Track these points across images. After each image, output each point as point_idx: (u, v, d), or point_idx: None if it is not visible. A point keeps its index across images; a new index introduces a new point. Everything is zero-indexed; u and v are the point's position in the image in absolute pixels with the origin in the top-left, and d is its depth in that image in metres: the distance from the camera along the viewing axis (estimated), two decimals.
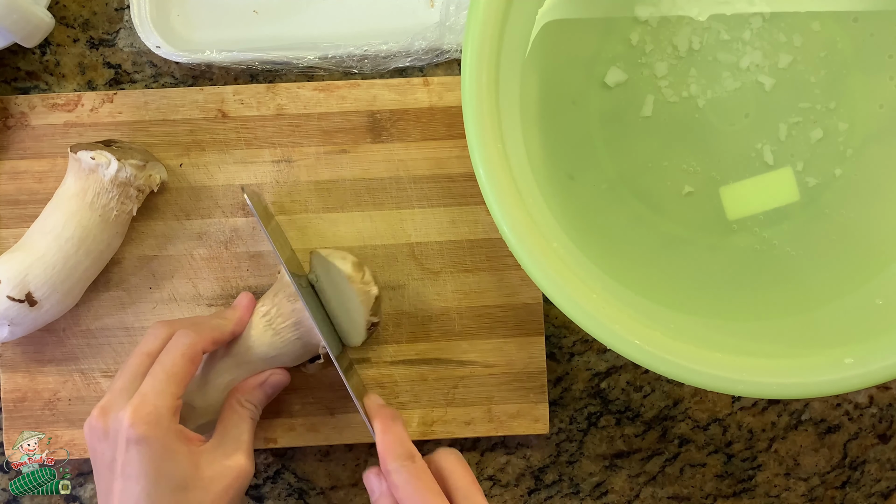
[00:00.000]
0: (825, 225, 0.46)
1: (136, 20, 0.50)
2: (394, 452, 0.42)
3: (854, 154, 0.46)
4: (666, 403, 0.53)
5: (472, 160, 0.39)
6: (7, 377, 0.51)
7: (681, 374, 0.39)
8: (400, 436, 0.43)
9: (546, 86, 0.45)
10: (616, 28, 0.46)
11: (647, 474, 0.54)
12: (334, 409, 0.51)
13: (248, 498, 0.53)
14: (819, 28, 0.46)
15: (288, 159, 0.51)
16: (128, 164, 0.47)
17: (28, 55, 0.52)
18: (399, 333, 0.51)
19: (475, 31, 0.40)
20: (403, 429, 0.44)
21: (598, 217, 0.46)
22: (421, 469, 0.42)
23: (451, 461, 0.43)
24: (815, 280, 0.45)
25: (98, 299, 0.51)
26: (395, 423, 0.44)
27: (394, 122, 0.51)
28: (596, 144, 0.47)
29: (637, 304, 0.44)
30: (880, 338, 0.41)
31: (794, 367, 0.40)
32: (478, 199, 0.51)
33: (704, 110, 0.47)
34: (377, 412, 0.45)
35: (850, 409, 0.54)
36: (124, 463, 0.40)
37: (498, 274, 0.51)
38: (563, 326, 0.53)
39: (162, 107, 0.51)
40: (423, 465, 0.42)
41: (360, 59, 0.51)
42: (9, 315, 0.46)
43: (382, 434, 0.43)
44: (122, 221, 0.48)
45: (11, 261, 0.46)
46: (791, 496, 0.54)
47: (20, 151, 0.51)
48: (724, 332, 0.43)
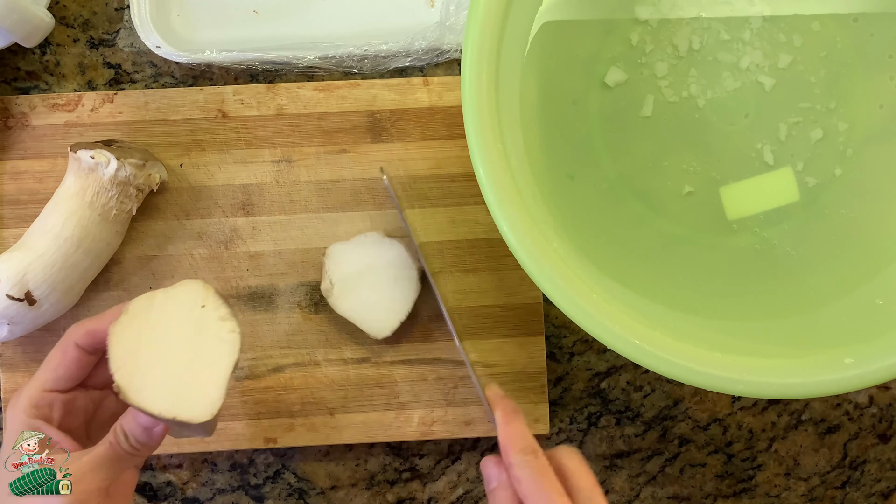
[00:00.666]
0: (825, 225, 0.46)
1: (136, 20, 0.50)
2: (517, 445, 0.41)
3: (854, 154, 0.46)
4: (666, 403, 0.53)
5: (472, 160, 0.39)
6: (7, 377, 0.51)
7: (681, 374, 0.39)
8: (522, 429, 0.42)
9: (546, 86, 0.45)
10: (616, 28, 0.46)
11: (647, 474, 0.54)
12: (334, 409, 0.51)
13: (248, 498, 0.53)
14: (819, 28, 0.46)
15: (288, 159, 0.51)
16: (127, 164, 0.47)
17: (28, 55, 0.52)
18: (399, 333, 0.51)
19: (475, 31, 0.40)
20: (524, 422, 0.43)
21: (598, 217, 0.46)
22: (545, 466, 0.41)
23: (575, 461, 0.42)
24: (815, 280, 0.45)
25: (98, 299, 0.51)
26: (516, 415, 0.43)
27: (394, 122, 0.51)
28: (596, 144, 0.47)
29: (637, 304, 0.44)
30: (880, 338, 0.41)
31: (794, 367, 0.40)
32: (478, 199, 0.51)
33: (704, 110, 0.47)
34: (499, 403, 0.44)
35: (850, 409, 0.54)
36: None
37: (498, 274, 0.51)
38: (563, 326, 0.53)
39: (162, 107, 0.51)
40: (546, 462, 0.41)
41: (360, 59, 0.51)
42: (8, 314, 0.46)
43: (505, 425, 0.42)
44: (122, 221, 0.48)
45: (11, 260, 0.46)
46: (791, 496, 0.54)
47: (21, 151, 0.51)
48: (724, 332, 0.43)
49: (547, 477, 0.40)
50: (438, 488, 0.53)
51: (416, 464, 0.53)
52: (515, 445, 0.41)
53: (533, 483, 0.40)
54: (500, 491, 0.42)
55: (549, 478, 0.40)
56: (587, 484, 0.41)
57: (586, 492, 0.41)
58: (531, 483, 0.40)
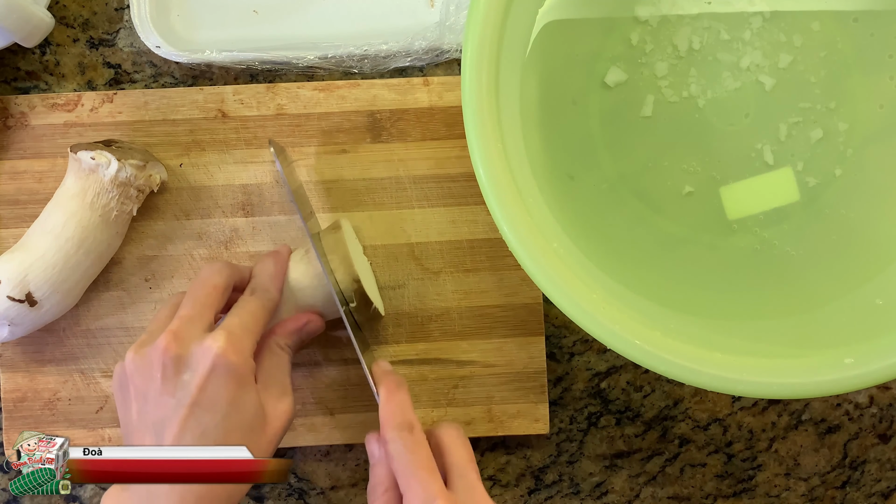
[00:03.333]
0: (825, 225, 0.46)
1: (136, 20, 0.50)
2: (393, 421, 0.42)
3: (854, 154, 0.46)
4: (666, 403, 0.53)
5: (472, 160, 0.39)
6: (7, 377, 0.51)
7: (681, 374, 0.39)
8: (402, 404, 0.43)
9: (546, 86, 0.45)
10: (616, 28, 0.46)
11: (647, 474, 0.54)
12: (334, 409, 0.51)
13: (248, 498, 0.53)
14: (819, 28, 0.46)
15: (288, 161, 0.51)
16: (128, 164, 0.47)
17: (28, 55, 0.52)
18: (399, 333, 0.51)
19: (475, 31, 0.40)
20: (408, 396, 0.43)
21: (598, 217, 0.46)
22: (418, 442, 0.41)
23: (452, 436, 0.43)
24: (815, 280, 0.45)
25: (98, 299, 0.51)
26: (399, 390, 0.43)
27: (394, 122, 0.51)
28: (596, 144, 0.47)
29: (637, 304, 0.44)
30: (880, 338, 0.41)
31: (794, 367, 0.40)
32: (478, 199, 0.51)
33: (704, 110, 0.47)
34: (383, 378, 0.44)
35: (850, 409, 0.54)
36: (201, 391, 0.39)
37: (498, 274, 0.51)
38: (563, 326, 0.53)
39: (162, 107, 0.51)
40: (421, 437, 0.41)
41: (360, 58, 0.51)
42: (9, 315, 0.46)
43: (385, 402, 0.43)
44: (122, 221, 0.48)
45: (11, 261, 0.46)
46: (791, 496, 0.54)
47: (20, 151, 0.51)
48: (724, 332, 0.43)
49: (418, 453, 0.41)
50: None
51: None
52: (392, 421, 0.42)
53: (403, 458, 0.40)
54: (378, 467, 0.42)
55: (420, 454, 0.40)
56: (461, 460, 0.42)
57: (459, 468, 0.41)
58: (402, 458, 0.40)
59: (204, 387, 0.40)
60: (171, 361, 0.40)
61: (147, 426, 0.40)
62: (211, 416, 0.40)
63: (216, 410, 0.40)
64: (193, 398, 0.40)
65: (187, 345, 0.41)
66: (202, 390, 0.40)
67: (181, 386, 0.40)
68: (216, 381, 0.40)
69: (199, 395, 0.40)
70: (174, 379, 0.40)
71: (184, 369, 0.40)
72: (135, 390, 0.41)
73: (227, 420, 0.40)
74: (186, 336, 0.41)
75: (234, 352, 0.40)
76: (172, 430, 0.39)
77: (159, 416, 0.40)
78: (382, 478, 0.41)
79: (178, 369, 0.40)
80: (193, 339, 0.41)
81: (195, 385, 0.40)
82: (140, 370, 0.41)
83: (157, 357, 0.40)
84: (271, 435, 0.42)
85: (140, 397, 0.41)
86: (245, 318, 0.43)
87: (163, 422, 0.40)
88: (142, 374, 0.41)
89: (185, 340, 0.41)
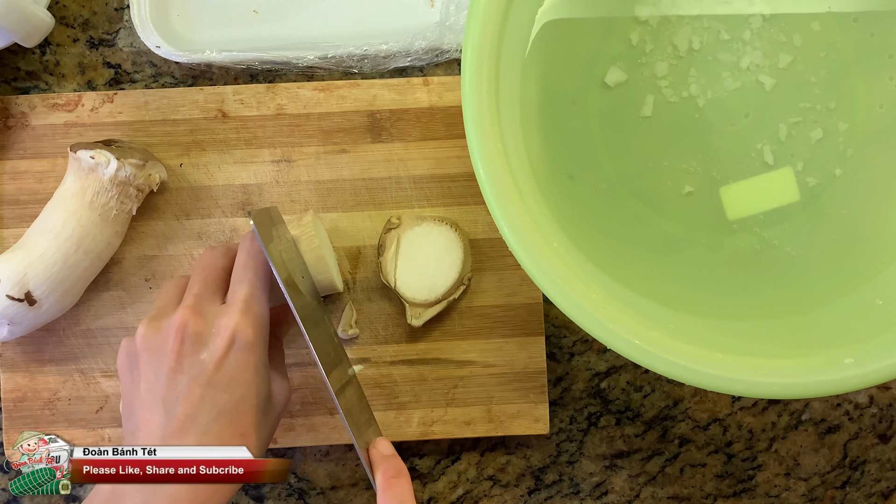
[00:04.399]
0: (825, 225, 0.46)
1: (136, 20, 0.50)
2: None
3: (854, 154, 0.46)
4: (666, 403, 0.53)
5: (472, 160, 0.39)
6: (7, 377, 0.51)
7: (681, 374, 0.39)
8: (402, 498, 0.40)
9: (546, 86, 0.45)
10: (616, 28, 0.46)
11: (647, 474, 0.54)
12: (334, 409, 0.51)
13: (248, 498, 0.53)
14: (819, 28, 0.46)
15: (288, 159, 0.51)
16: (127, 164, 0.47)
17: (28, 55, 0.52)
18: (399, 333, 0.51)
19: (475, 31, 0.40)
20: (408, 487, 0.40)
21: (598, 217, 0.46)
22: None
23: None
24: (815, 280, 0.45)
25: (98, 299, 0.51)
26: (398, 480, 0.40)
27: (394, 122, 0.51)
28: (596, 144, 0.47)
29: (637, 304, 0.44)
30: (880, 338, 0.40)
31: (794, 367, 0.40)
32: (478, 199, 0.51)
33: (704, 110, 0.47)
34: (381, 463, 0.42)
35: (850, 409, 0.54)
36: (217, 369, 0.38)
37: (498, 274, 0.51)
38: (563, 326, 0.53)
39: (162, 107, 0.51)
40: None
41: (360, 58, 0.51)
42: (8, 314, 0.46)
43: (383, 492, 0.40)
44: (122, 221, 0.48)
45: (11, 260, 0.46)
46: (791, 496, 0.54)
47: (20, 151, 0.51)
48: (724, 332, 0.43)
49: None
50: (438, 488, 0.53)
51: (415, 464, 0.53)
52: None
53: None
54: None
55: None
56: None
57: None
58: None
59: (221, 364, 0.39)
60: (190, 338, 0.39)
61: (157, 403, 0.39)
62: (228, 395, 0.39)
63: (233, 390, 0.39)
64: (209, 376, 0.39)
65: (205, 321, 0.40)
66: (219, 368, 0.39)
67: (197, 363, 0.39)
68: (233, 357, 0.39)
69: (216, 373, 0.39)
70: (191, 356, 0.39)
71: (202, 348, 0.39)
72: (145, 365, 0.40)
73: (243, 400, 0.39)
74: (203, 312, 0.40)
75: (252, 328, 0.40)
76: (185, 409, 0.38)
77: (172, 394, 0.39)
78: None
79: (195, 347, 0.39)
80: (209, 316, 0.40)
81: (212, 362, 0.39)
82: (153, 345, 0.40)
83: (175, 332, 0.39)
84: (275, 417, 0.42)
85: (150, 373, 0.40)
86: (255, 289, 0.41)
87: (176, 398, 0.39)
88: (154, 349, 0.40)
89: (203, 316, 0.40)
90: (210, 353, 0.39)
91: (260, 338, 0.40)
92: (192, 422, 0.38)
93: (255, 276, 0.42)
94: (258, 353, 0.40)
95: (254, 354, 0.40)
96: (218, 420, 0.38)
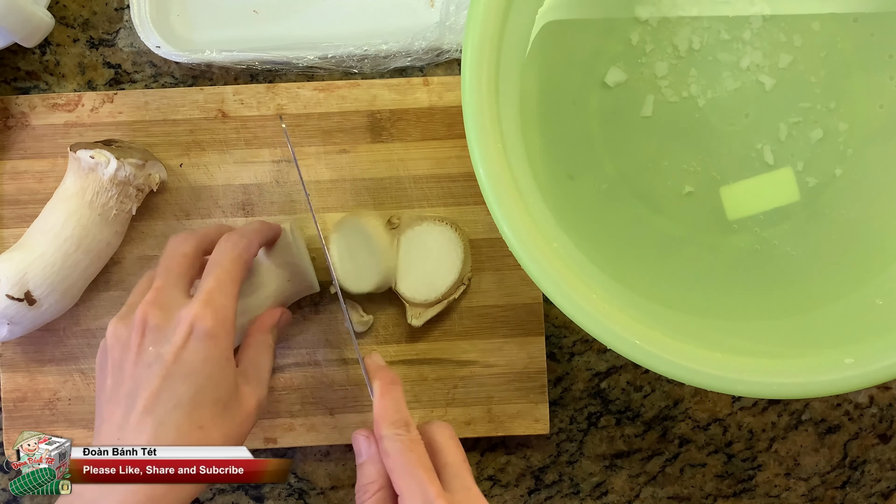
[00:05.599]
0: (825, 225, 0.46)
1: (136, 20, 0.50)
2: (390, 418, 0.41)
3: (854, 154, 0.46)
4: (666, 403, 0.53)
5: (472, 160, 0.39)
6: (7, 377, 0.51)
7: (681, 374, 0.39)
8: (397, 401, 0.42)
9: (546, 86, 0.45)
10: (616, 28, 0.46)
11: (647, 474, 0.54)
12: (334, 409, 0.51)
13: (248, 498, 0.53)
14: (819, 28, 0.46)
15: (288, 159, 0.51)
16: (127, 163, 0.47)
17: (28, 55, 0.52)
18: (399, 333, 0.51)
19: (475, 31, 0.40)
20: (402, 394, 0.43)
21: (598, 217, 0.46)
22: (415, 440, 0.41)
23: (445, 436, 0.42)
24: (815, 280, 0.45)
25: (98, 299, 0.51)
26: (394, 387, 0.43)
27: (394, 122, 0.51)
28: (596, 144, 0.47)
29: (637, 304, 0.44)
30: (880, 338, 0.41)
31: (794, 367, 0.40)
32: (478, 199, 0.51)
33: (704, 110, 0.47)
34: (378, 373, 0.44)
35: (850, 409, 0.54)
36: (176, 360, 0.38)
37: (498, 274, 0.51)
38: (563, 326, 0.53)
39: (162, 107, 0.51)
40: (417, 436, 0.41)
41: (360, 59, 0.51)
42: (8, 314, 0.46)
43: (380, 397, 0.42)
44: (122, 220, 0.48)
45: (10, 260, 0.46)
46: (791, 496, 0.54)
47: (20, 151, 0.51)
48: (724, 332, 0.43)
49: (415, 451, 0.40)
50: None
51: None
52: (388, 418, 0.41)
53: (400, 457, 0.40)
54: (368, 465, 0.41)
55: (417, 452, 0.40)
56: (456, 460, 0.41)
57: (454, 468, 0.41)
58: (399, 457, 0.40)
59: (179, 355, 0.39)
60: (151, 331, 0.40)
61: (119, 398, 0.39)
62: (186, 386, 0.39)
63: (191, 381, 0.39)
64: (168, 367, 0.39)
65: (166, 313, 0.40)
66: (177, 358, 0.39)
67: (157, 355, 0.39)
68: (192, 348, 0.39)
69: (174, 363, 0.39)
70: (151, 349, 0.39)
71: (163, 340, 0.39)
72: (111, 363, 0.40)
73: (201, 392, 0.39)
74: (165, 305, 0.40)
75: (212, 317, 0.39)
76: (143, 401, 0.38)
77: (132, 387, 0.39)
78: (374, 476, 0.41)
79: (156, 339, 0.39)
80: (171, 308, 0.40)
81: (171, 353, 0.39)
82: (118, 342, 0.40)
83: (136, 326, 0.40)
84: (242, 418, 0.41)
85: (116, 369, 0.40)
86: (222, 277, 0.41)
87: (136, 391, 0.39)
88: (120, 346, 0.40)
89: (163, 309, 0.40)
90: (170, 345, 0.39)
91: (221, 328, 0.40)
92: (149, 413, 0.38)
93: (222, 271, 0.42)
94: (220, 344, 0.40)
95: (215, 345, 0.39)
96: (175, 412, 0.38)
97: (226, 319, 0.40)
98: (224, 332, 0.40)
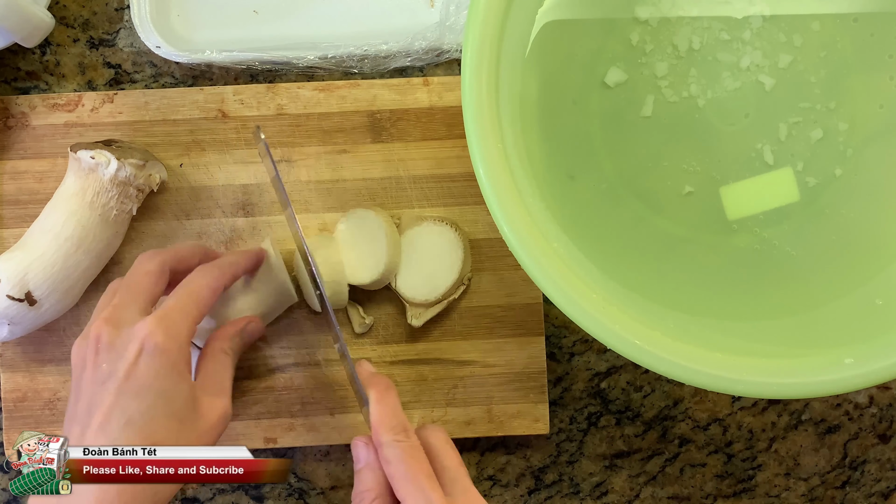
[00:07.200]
0: (825, 225, 0.46)
1: (136, 20, 0.50)
2: (388, 424, 0.41)
3: (854, 154, 0.46)
4: (666, 403, 0.53)
5: (472, 160, 0.39)
6: (7, 377, 0.51)
7: (681, 374, 0.39)
8: (394, 407, 0.42)
9: (546, 86, 0.45)
10: (616, 28, 0.46)
11: (647, 474, 0.54)
12: (334, 409, 0.51)
13: (248, 498, 0.53)
14: (819, 28, 0.46)
15: (288, 159, 0.51)
16: (127, 164, 0.47)
17: (28, 55, 0.52)
18: (399, 333, 0.51)
19: (475, 31, 0.40)
20: (397, 399, 0.43)
21: (598, 217, 0.46)
22: (415, 447, 0.41)
23: (440, 440, 0.42)
24: (815, 280, 0.45)
25: (98, 299, 0.50)
26: (389, 392, 0.43)
27: (394, 122, 0.51)
28: (596, 144, 0.47)
29: (637, 304, 0.44)
30: (880, 338, 0.41)
31: (794, 367, 0.40)
32: (478, 199, 0.51)
33: (704, 110, 0.47)
34: (372, 380, 0.44)
35: (850, 409, 0.54)
36: (128, 376, 0.39)
37: (498, 274, 0.51)
38: (563, 326, 0.53)
39: (162, 107, 0.51)
40: (416, 442, 0.41)
41: (360, 59, 0.51)
42: (8, 314, 0.46)
43: (377, 403, 0.42)
44: (122, 221, 0.48)
45: (11, 260, 0.46)
46: (791, 496, 0.54)
47: (21, 151, 0.51)
48: (724, 332, 0.43)
49: (416, 458, 0.40)
50: None
51: None
52: (386, 424, 0.41)
53: (402, 464, 0.40)
54: (366, 472, 0.41)
55: (418, 459, 0.40)
56: (453, 463, 0.41)
57: (452, 471, 0.41)
58: (400, 464, 0.40)
59: (130, 371, 0.39)
60: (104, 348, 0.40)
61: (76, 415, 0.40)
62: (137, 402, 0.39)
63: (143, 397, 0.39)
64: (120, 384, 0.39)
65: (119, 331, 0.40)
66: (129, 375, 0.39)
67: (110, 372, 0.39)
68: (143, 364, 0.39)
69: (126, 380, 0.39)
70: (105, 366, 0.39)
71: (115, 357, 0.39)
72: (74, 379, 0.41)
73: (153, 408, 0.39)
74: (119, 322, 0.40)
75: (163, 333, 0.40)
76: (98, 418, 0.39)
77: (87, 404, 0.39)
78: (372, 483, 0.41)
79: (109, 356, 0.40)
80: (126, 325, 0.40)
81: (123, 370, 0.39)
82: (78, 359, 0.41)
83: (91, 345, 0.40)
84: (203, 431, 0.41)
85: (76, 387, 0.41)
86: (183, 299, 0.42)
87: (90, 409, 0.39)
88: (80, 363, 0.41)
89: (117, 326, 0.40)
90: (122, 361, 0.39)
91: (174, 343, 0.40)
92: (102, 431, 0.39)
93: (185, 293, 0.42)
94: (172, 358, 0.40)
95: (166, 359, 0.39)
96: (126, 429, 0.38)
97: (178, 335, 0.40)
98: (176, 346, 0.40)
